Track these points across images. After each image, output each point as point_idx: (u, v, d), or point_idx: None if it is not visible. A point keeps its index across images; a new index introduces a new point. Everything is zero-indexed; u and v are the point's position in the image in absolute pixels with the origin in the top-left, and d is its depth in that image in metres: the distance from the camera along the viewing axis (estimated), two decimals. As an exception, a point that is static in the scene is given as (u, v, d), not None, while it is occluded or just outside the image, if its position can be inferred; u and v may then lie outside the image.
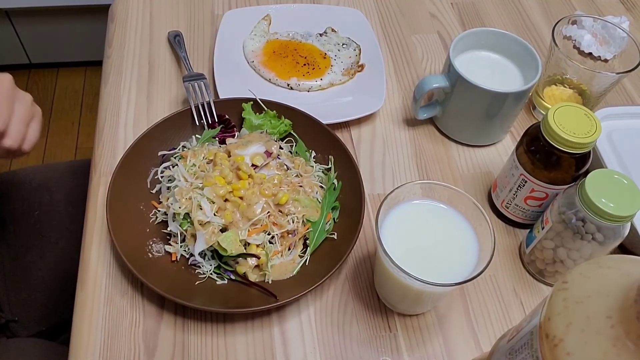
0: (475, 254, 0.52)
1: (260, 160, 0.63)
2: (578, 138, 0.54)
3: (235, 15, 0.84)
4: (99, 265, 0.60)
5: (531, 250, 0.60)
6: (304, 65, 0.80)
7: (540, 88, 0.76)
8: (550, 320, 0.33)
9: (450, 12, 0.92)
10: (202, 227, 0.57)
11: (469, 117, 0.71)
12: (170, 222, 0.60)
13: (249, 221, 0.58)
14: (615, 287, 0.31)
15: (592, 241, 0.54)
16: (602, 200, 0.50)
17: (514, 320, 0.59)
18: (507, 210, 0.65)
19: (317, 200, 0.63)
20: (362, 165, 0.71)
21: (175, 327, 0.57)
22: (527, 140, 0.59)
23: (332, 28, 0.85)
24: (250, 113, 0.68)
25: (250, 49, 0.81)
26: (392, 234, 0.52)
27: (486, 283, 0.62)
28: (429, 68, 0.84)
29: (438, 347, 0.57)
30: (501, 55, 0.73)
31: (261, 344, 0.56)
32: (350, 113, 0.73)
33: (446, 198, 0.54)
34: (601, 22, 0.75)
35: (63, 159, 1.76)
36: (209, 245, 0.57)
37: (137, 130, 0.72)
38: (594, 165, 0.57)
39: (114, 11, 0.87)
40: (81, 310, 0.57)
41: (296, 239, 0.60)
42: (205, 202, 0.58)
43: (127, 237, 0.58)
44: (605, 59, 0.77)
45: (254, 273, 0.58)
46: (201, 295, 0.56)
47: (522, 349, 0.37)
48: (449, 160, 0.73)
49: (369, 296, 0.60)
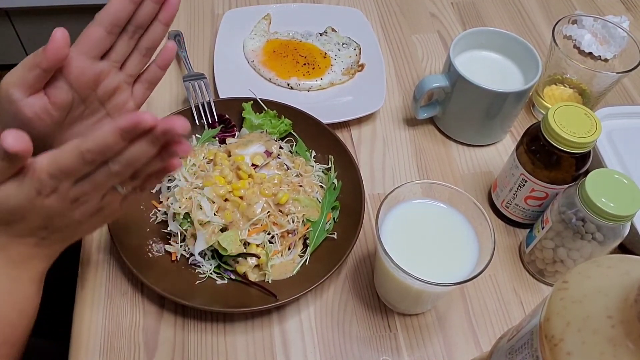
0: (475, 254, 0.52)
1: (260, 160, 0.63)
2: (578, 138, 0.54)
3: (236, 15, 0.84)
4: (99, 265, 0.60)
5: (531, 250, 0.60)
6: (304, 65, 0.80)
7: (541, 88, 0.76)
8: (550, 320, 0.33)
9: (450, 11, 0.92)
10: (202, 227, 0.57)
11: (469, 117, 0.71)
12: (170, 222, 0.60)
13: (249, 221, 0.58)
14: (616, 286, 0.31)
15: (592, 241, 0.54)
16: (602, 199, 0.50)
17: (514, 320, 0.59)
18: (507, 210, 0.65)
19: (317, 200, 0.63)
20: (362, 165, 0.71)
21: (175, 326, 0.57)
22: (527, 140, 0.59)
23: (332, 28, 0.85)
24: (250, 113, 0.68)
25: (250, 49, 0.81)
26: (392, 234, 0.52)
27: (486, 283, 0.62)
28: (429, 68, 0.83)
29: (438, 347, 0.57)
30: (501, 55, 0.73)
31: (261, 344, 0.56)
32: (350, 113, 0.73)
33: (446, 198, 0.54)
34: (601, 22, 0.75)
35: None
36: (209, 245, 0.57)
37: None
38: (594, 165, 0.57)
39: (114, 11, 0.87)
40: (81, 310, 0.57)
41: (296, 239, 0.60)
42: (205, 201, 0.58)
43: (127, 237, 0.58)
44: (605, 58, 0.77)
45: (254, 273, 0.58)
46: (201, 295, 0.56)
47: (522, 349, 0.37)
48: (449, 160, 0.73)
49: (369, 296, 0.60)
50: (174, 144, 0.42)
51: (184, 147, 0.42)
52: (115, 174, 0.42)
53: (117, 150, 0.41)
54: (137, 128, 0.39)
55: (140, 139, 0.41)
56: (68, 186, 0.43)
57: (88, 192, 0.44)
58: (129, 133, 0.40)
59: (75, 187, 0.43)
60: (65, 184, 0.42)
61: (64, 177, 0.42)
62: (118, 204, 0.48)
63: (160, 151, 0.42)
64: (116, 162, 0.42)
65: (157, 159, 0.43)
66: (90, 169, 0.42)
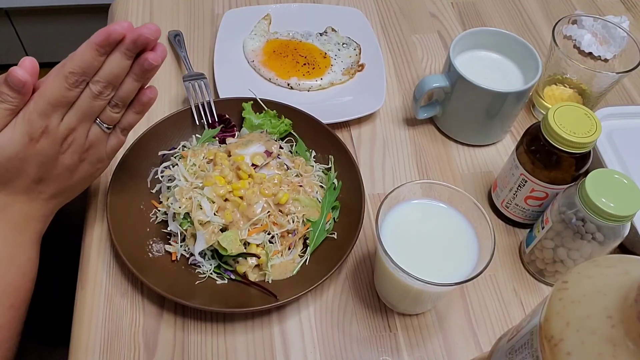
0: (475, 254, 0.52)
1: (260, 159, 0.63)
2: (578, 138, 0.54)
3: (236, 15, 0.84)
4: (99, 265, 0.60)
5: (531, 250, 0.60)
6: (304, 65, 0.80)
7: (541, 88, 0.76)
8: (550, 320, 0.33)
9: (450, 11, 0.92)
10: (202, 227, 0.57)
11: (469, 117, 0.71)
12: (170, 222, 0.60)
13: (249, 221, 0.58)
14: (616, 286, 0.31)
15: (592, 241, 0.54)
16: (602, 200, 0.50)
17: (513, 320, 0.59)
18: (507, 210, 0.65)
19: (317, 199, 0.63)
20: (362, 164, 0.71)
21: (175, 326, 0.57)
22: (527, 140, 0.59)
23: (332, 27, 0.85)
24: (250, 113, 0.68)
25: (251, 49, 0.81)
26: (392, 234, 0.52)
27: (486, 283, 0.62)
28: (429, 68, 0.83)
29: (438, 347, 0.57)
30: (501, 55, 0.73)
31: (261, 344, 0.56)
32: (350, 113, 0.73)
33: (446, 198, 0.54)
34: (601, 22, 0.75)
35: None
36: (209, 245, 0.57)
37: (137, 130, 0.71)
38: (594, 165, 0.57)
39: (114, 11, 0.87)
40: (81, 310, 0.57)
41: (296, 239, 0.60)
42: (205, 201, 0.58)
43: (127, 237, 0.58)
44: (605, 58, 0.77)
45: (254, 273, 0.58)
46: (201, 295, 0.56)
47: (522, 349, 0.37)
48: (449, 160, 0.73)
49: (368, 296, 0.60)
50: (147, 53, 0.47)
51: (156, 55, 0.47)
52: (97, 95, 0.47)
53: (95, 66, 0.46)
54: (110, 39, 0.44)
55: (115, 52, 0.46)
56: (56, 123, 0.47)
57: (74, 127, 0.48)
58: (104, 46, 0.45)
59: (63, 123, 0.47)
60: (53, 121, 0.47)
61: (52, 111, 0.46)
62: (104, 149, 0.52)
63: (136, 67, 0.47)
64: (96, 83, 0.46)
65: (133, 77, 0.48)
66: (73, 95, 0.46)
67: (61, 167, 0.50)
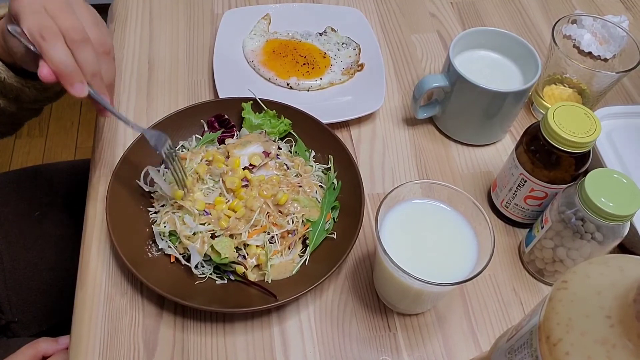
0: (474, 254, 0.52)
1: (258, 160, 0.63)
2: (578, 137, 0.54)
3: (235, 15, 0.84)
4: (98, 265, 0.60)
5: (531, 250, 0.60)
6: (303, 65, 0.80)
7: (540, 87, 0.76)
8: (549, 320, 0.33)
9: (450, 11, 0.92)
10: (191, 240, 0.57)
11: (469, 117, 0.71)
12: (159, 241, 0.59)
13: (248, 223, 0.58)
14: (615, 286, 0.31)
15: (592, 240, 0.54)
16: (602, 199, 0.50)
17: (513, 319, 0.59)
18: (506, 210, 0.65)
19: (316, 200, 0.63)
20: (361, 164, 0.71)
21: (175, 326, 0.57)
22: (526, 140, 0.59)
23: (331, 27, 0.85)
24: (249, 112, 0.68)
25: (250, 49, 0.81)
26: (392, 234, 0.52)
27: (486, 282, 0.62)
28: (428, 67, 0.84)
29: (437, 347, 0.57)
30: (501, 55, 0.73)
31: (261, 344, 0.56)
32: (350, 113, 0.73)
33: (446, 198, 0.54)
34: (601, 22, 0.75)
35: (63, 158, 1.76)
36: (203, 255, 0.57)
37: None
38: (593, 165, 0.58)
39: (113, 11, 0.87)
40: (81, 310, 0.57)
41: (296, 239, 0.60)
42: (187, 216, 0.58)
43: (127, 237, 0.58)
44: (605, 58, 0.77)
45: (253, 273, 0.58)
46: (201, 295, 0.56)
47: (521, 348, 0.37)
48: (449, 160, 0.73)
49: (368, 296, 0.60)
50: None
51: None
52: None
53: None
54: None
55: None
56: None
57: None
58: None
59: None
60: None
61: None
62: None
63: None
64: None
65: None
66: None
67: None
